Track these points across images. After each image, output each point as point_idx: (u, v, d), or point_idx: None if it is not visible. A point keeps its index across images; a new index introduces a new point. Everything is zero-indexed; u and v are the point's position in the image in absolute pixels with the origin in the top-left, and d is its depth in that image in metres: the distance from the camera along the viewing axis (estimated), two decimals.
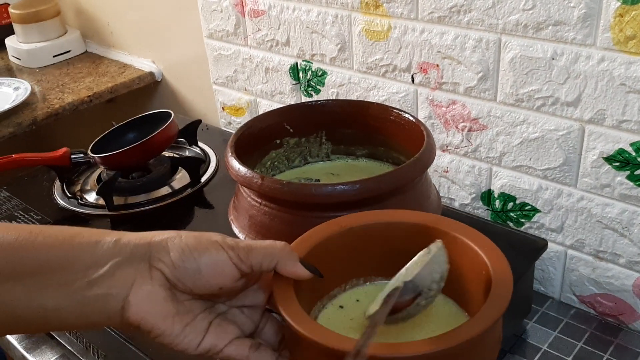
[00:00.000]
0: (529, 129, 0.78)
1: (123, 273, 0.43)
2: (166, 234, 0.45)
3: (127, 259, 0.44)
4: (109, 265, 0.43)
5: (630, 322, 0.79)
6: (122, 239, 0.44)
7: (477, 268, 0.50)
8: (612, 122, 0.71)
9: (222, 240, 0.46)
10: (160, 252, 0.44)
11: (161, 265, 0.44)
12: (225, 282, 0.45)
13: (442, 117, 0.86)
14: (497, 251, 0.50)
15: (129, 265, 0.43)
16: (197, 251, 0.44)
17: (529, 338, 0.79)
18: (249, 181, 0.64)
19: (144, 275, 0.43)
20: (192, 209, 0.95)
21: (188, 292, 0.45)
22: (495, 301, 0.46)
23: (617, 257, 0.77)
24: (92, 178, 1.03)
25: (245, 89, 1.13)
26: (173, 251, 0.44)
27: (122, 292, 0.43)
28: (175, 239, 0.45)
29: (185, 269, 0.44)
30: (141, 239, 0.45)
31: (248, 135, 0.74)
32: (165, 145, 0.99)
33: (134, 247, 0.44)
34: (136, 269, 0.43)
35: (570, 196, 0.78)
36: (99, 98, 1.28)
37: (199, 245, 0.45)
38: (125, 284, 0.43)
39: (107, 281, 0.43)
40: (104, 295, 0.43)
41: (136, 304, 0.43)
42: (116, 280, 0.43)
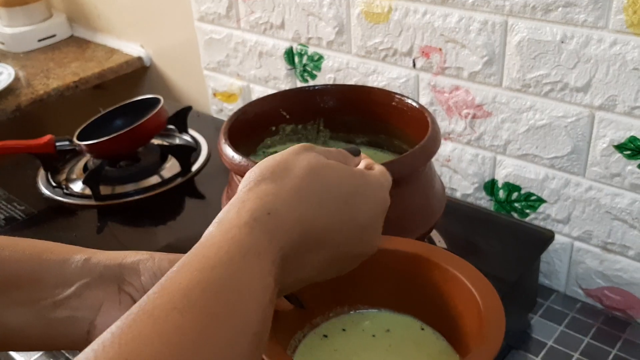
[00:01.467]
0: (536, 115, 0.75)
1: (91, 295, 0.41)
2: (139, 255, 0.43)
3: (95, 280, 0.41)
4: (76, 286, 0.41)
5: (638, 316, 0.77)
6: (92, 259, 0.42)
7: (469, 305, 0.48)
8: (623, 108, 0.68)
9: None
10: (131, 275, 0.42)
11: (131, 289, 0.42)
12: None
13: (445, 103, 0.83)
14: (490, 288, 0.48)
15: (97, 286, 0.41)
16: None
17: (534, 333, 0.77)
18: (243, 169, 0.60)
19: (113, 299, 0.41)
20: (182, 199, 0.91)
21: None
22: (485, 345, 0.43)
23: (626, 249, 0.74)
24: (78, 167, 0.99)
25: (237, 75, 1.09)
26: (144, 275, 0.42)
27: (89, 316, 0.41)
28: (148, 262, 0.43)
29: None
30: (112, 260, 0.43)
31: (242, 122, 0.70)
32: (154, 132, 0.95)
33: (104, 268, 0.42)
34: (105, 291, 0.41)
35: (578, 186, 0.75)
36: (85, 84, 1.23)
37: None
38: (92, 307, 0.41)
39: (73, 302, 0.41)
40: (70, 317, 0.41)
41: (102, 329, 0.41)
42: (83, 302, 0.41)
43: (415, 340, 0.53)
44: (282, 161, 0.39)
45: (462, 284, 0.49)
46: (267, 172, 0.38)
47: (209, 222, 0.47)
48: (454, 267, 0.50)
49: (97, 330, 0.41)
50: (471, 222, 0.81)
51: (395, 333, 0.53)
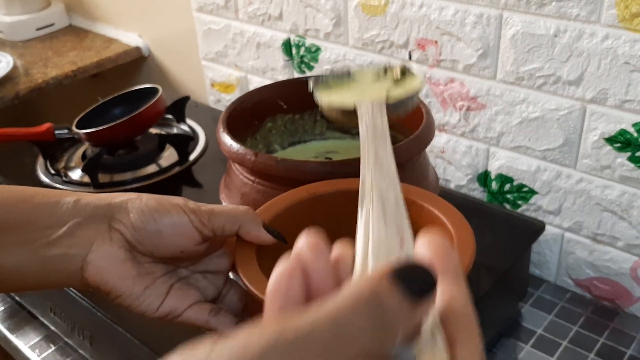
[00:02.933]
0: (529, 108, 0.76)
1: (82, 233, 0.43)
2: (127, 195, 0.45)
3: (86, 220, 0.43)
4: (68, 226, 0.42)
5: (626, 305, 0.78)
6: (81, 200, 0.44)
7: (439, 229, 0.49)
8: (614, 102, 0.70)
9: (184, 203, 0.45)
10: (120, 213, 0.43)
11: (120, 226, 0.43)
12: (186, 245, 0.45)
13: (440, 95, 0.84)
14: (464, 222, 0.49)
15: (88, 225, 0.43)
16: (158, 213, 0.43)
17: (524, 321, 0.78)
18: (242, 158, 0.61)
19: (104, 236, 0.43)
20: (180, 188, 0.92)
21: (148, 254, 0.45)
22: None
23: (616, 240, 0.76)
24: (76, 155, 1.00)
25: (235, 65, 1.10)
26: (133, 212, 0.43)
27: (81, 253, 0.42)
28: (136, 201, 0.44)
29: (145, 230, 0.43)
30: (101, 200, 0.44)
31: (240, 111, 0.71)
32: (152, 121, 0.96)
33: (94, 207, 0.43)
34: (95, 229, 0.43)
35: (569, 178, 0.77)
36: (83, 73, 1.24)
37: (159, 207, 0.44)
38: (84, 244, 0.43)
39: (66, 241, 0.42)
40: (63, 255, 0.42)
41: (95, 264, 0.43)
42: (75, 241, 0.42)
43: None
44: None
45: (436, 218, 0.50)
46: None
47: None
48: (430, 204, 0.51)
49: (89, 266, 0.42)
50: (464, 212, 0.81)
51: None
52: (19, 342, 0.80)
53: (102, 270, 0.43)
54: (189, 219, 0.44)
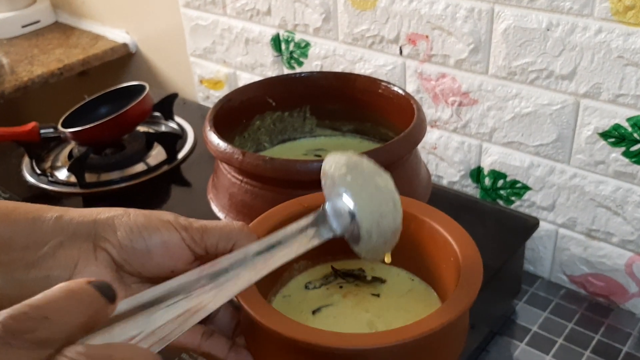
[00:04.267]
0: (522, 103, 0.75)
1: (65, 253, 0.39)
2: (113, 211, 0.42)
3: (69, 238, 0.40)
4: (49, 245, 0.39)
5: (621, 302, 0.78)
6: (64, 216, 0.40)
7: (447, 255, 0.48)
8: (608, 96, 0.69)
9: (175, 220, 0.42)
10: (106, 230, 0.40)
11: (107, 245, 0.40)
12: (177, 264, 0.42)
13: (431, 91, 0.83)
14: (467, 237, 0.48)
15: (71, 245, 0.39)
16: (147, 230, 0.41)
17: (518, 319, 0.77)
18: (229, 157, 0.60)
19: (88, 256, 0.40)
20: (168, 187, 0.91)
21: (136, 274, 0.42)
22: (462, 292, 0.43)
23: (610, 236, 0.75)
24: (63, 154, 0.98)
25: (224, 61, 1.08)
26: (120, 230, 0.40)
27: (64, 274, 0.39)
28: (123, 217, 0.41)
29: (134, 249, 0.40)
30: (85, 217, 0.41)
31: (228, 109, 0.70)
32: (139, 119, 0.94)
33: (77, 225, 0.40)
34: (79, 248, 0.40)
35: (562, 173, 0.76)
36: (70, 71, 1.22)
37: (148, 224, 0.41)
38: (67, 265, 0.39)
39: (47, 262, 0.39)
40: (44, 277, 0.39)
41: None
42: (57, 261, 0.39)
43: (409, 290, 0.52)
44: None
45: (440, 235, 0.48)
46: None
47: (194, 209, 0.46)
48: (431, 219, 0.49)
49: None
50: (457, 209, 0.82)
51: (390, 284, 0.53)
52: None
53: None
54: (181, 236, 0.41)
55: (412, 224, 0.50)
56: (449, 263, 0.47)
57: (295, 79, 0.75)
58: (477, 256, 0.45)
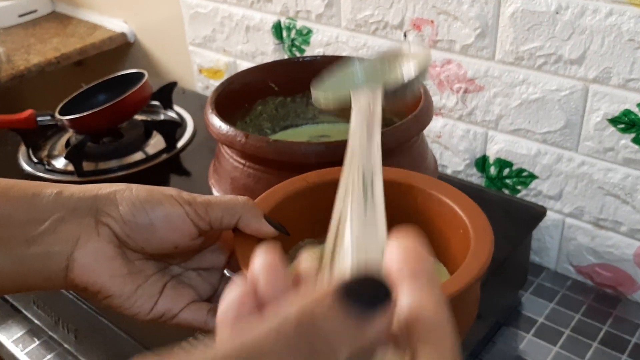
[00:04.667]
0: (529, 89, 0.74)
1: (66, 229, 0.38)
2: (114, 186, 0.41)
3: (70, 214, 0.39)
4: (49, 221, 0.38)
5: (629, 292, 0.76)
6: (64, 192, 0.39)
7: (456, 226, 0.46)
8: (618, 81, 0.67)
9: (178, 194, 0.41)
10: (108, 205, 0.39)
11: (109, 220, 0.39)
12: (181, 239, 0.41)
13: (436, 77, 0.81)
14: (476, 208, 0.46)
15: (72, 220, 0.38)
16: (150, 205, 0.40)
17: (524, 310, 0.76)
18: (232, 140, 0.58)
19: (90, 231, 0.39)
20: (168, 176, 0.89)
21: (139, 250, 0.41)
22: (472, 261, 0.42)
23: (619, 225, 0.74)
24: (60, 143, 0.97)
25: (224, 50, 1.07)
26: (122, 204, 0.39)
27: (66, 250, 0.38)
28: (125, 192, 0.40)
29: (136, 224, 0.39)
30: (86, 192, 0.40)
31: (229, 92, 0.68)
32: (138, 107, 0.92)
33: (78, 200, 0.39)
34: (80, 224, 0.38)
35: (570, 161, 0.74)
36: (66, 60, 1.20)
37: (151, 198, 0.40)
38: (68, 240, 0.38)
39: (48, 238, 0.38)
40: (45, 253, 0.38)
41: (82, 262, 0.39)
42: (58, 237, 0.38)
43: None
44: None
45: (448, 207, 0.47)
46: None
47: None
48: (438, 191, 0.48)
49: (75, 264, 0.38)
50: None
51: None
52: (2, 336, 0.77)
53: (89, 268, 0.39)
54: (184, 210, 0.40)
55: (419, 197, 0.49)
56: (458, 235, 0.46)
57: (299, 63, 0.73)
58: (487, 225, 0.44)
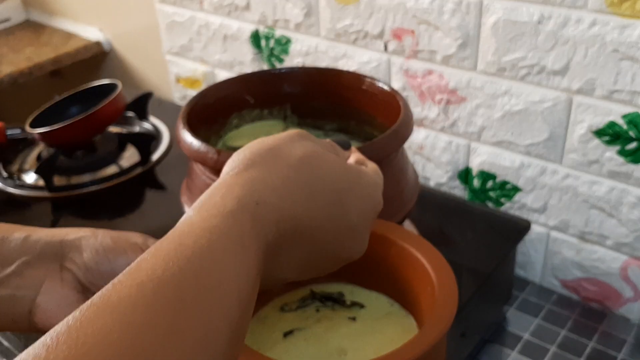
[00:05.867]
0: (512, 100, 0.72)
1: (31, 274, 0.39)
2: (81, 232, 0.41)
3: (36, 258, 0.39)
4: (16, 265, 0.39)
5: (615, 307, 0.75)
6: (32, 236, 0.40)
7: (425, 282, 0.48)
8: (602, 92, 0.66)
9: (143, 242, 0.42)
10: (73, 251, 0.40)
11: (73, 266, 0.40)
12: None
13: (417, 88, 0.79)
14: (445, 266, 0.47)
15: (38, 264, 0.39)
16: (113, 253, 0.40)
17: (509, 326, 0.74)
18: (204, 157, 0.56)
19: (54, 277, 0.39)
20: (142, 190, 0.86)
21: None
22: (434, 324, 0.42)
23: (604, 238, 0.72)
24: (31, 157, 0.94)
25: (201, 60, 1.04)
26: (86, 251, 0.40)
27: (29, 294, 0.39)
28: (90, 239, 0.41)
29: (99, 271, 0.40)
30: (53, 237, 0.40)
31: (202, 106, 0.66)
32: (111, 119, 0.90)
33: (45, 245, 0.40)
34: (46, 269, 0.39)
35: (554, 173, 0.73)
36: (40, 70, 1.17)
37: (115, 246, 0.41)
38: (33, 285, 0.39)
39: (14, 281, 0.38)
40: (10, 296, 0.38)
41: (44, 307, 0.39)
42: (24, 281, 0.39)
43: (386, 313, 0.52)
44: (275, 147, 0.34)
45: (419, 263, 0.48)
46: (257, 157, 0.34)
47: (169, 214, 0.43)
48: (411, 245, 0.49)
49: (38, 309, 0.39)
50: (445, 211, 0.78)
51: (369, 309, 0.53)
52: None
53: (52, 314, 0.39)
54: None
55: (392, 249, 0.50)
56: (426, 291, 0.47)
57: (276, 74, 0.71)
58: (453, 286, 0.45)
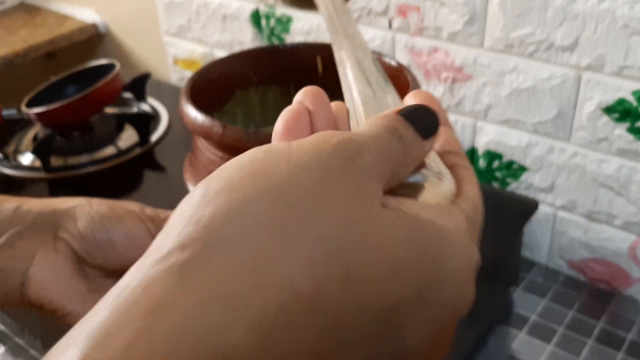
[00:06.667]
0: (520, 78, 0.71)
1: (23, 244, 0.37)
2: (75, 200, 0.39)
3: (28, 229, 0.37)
4: (6, 236, 0.37)
5: (623, 288, 0.74)
6: (22, 206, 0.38)
7: None
8: (612, 68, 0.64)
9: (140, 210, 0.40)
10: (67, 220, 0.38)
11: (67, 235, 0.38)
12: None
13: (423, 67, 0.78)
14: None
15: (30, 235, 0.37)
16: (110, 221, 0.39)
17: (516, 307, 0.73)
18: (208, 131, 0.54)
19: (48, 247, 0.37)
20: (141, 171, 0.84)
21: (99, 267, 0.39)
22: None
23: (612, 218, 0.71)
24: (27, 137, 0.92)
25: (200, 40, 1.02)
26: (81, 220, 0.38)
27: (21, 266, 0.37)
28: (85, 207, 0.39)
29: (95, 240, 0.38)
30: (45, 206, 0.39)
31: (205, 82, 0.64)
32: (109, 99, 0.88)
33: (37, 215, 0.38)
34: (39, 239, 0.37)
35: (562, 152, 0.72)
36: (35, 52, 1.15)
37: (112, 214, 0.39)
38: (25, 256, 0.37)
39: (4, 253, 0.37)
40: (1, 269, 0.37)
41: (37, 279, 0.37)
42: (15, 253, 0.37)
43: None
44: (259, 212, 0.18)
45: None
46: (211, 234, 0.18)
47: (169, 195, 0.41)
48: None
49: (31, 282, 0.37)
50: None
51: None
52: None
53: (45, 286, 0.37)
54: (146, 227, 0.39)
55: None
56: None
57: (279, 50, 0.70)
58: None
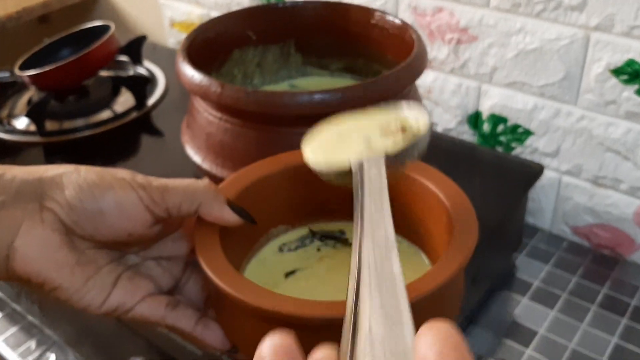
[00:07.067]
0: (526, 38, 0.69)
1: (7, 215, 0.35)
2: (61, 168, 0.37)
3: (12, 198, 0.35)
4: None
5: (627, 253, 0.73)
6: (5, 174, 0.36)
7: (439, 215, 0.43)
8: (622, 28, 0.62)
9: (131, 178, 0.38)
10: (53, 189, 0.36)
11: (54, 204, 0.35)
12: (135, 227, 0.37)
13: (426, 27, 0.76)
14: (461, 195, 0.42)
15: (14, 205, 0.35)
16: (99, 189, 0.36)
17: (519, 273, 0.72)
18: (206, 90, 0.53)
19: (33, 218, 0.35)
20: (138, 135, 0.83)
21: (88, 238, 0.37)
22: (453, 254, 0.38)
23: (619, 182, 0.70)
24: (21, 101, 0.90)
25: (197, 2, 1.00)
26: (69, 188, 0.36)
27: (6, 238, 0.35)
28: (72, 174, 0.37)
29: (84, 209, 0.36)
30: (30, 174, 0.36)
31: (202, 41, 0.62)
32: (104, 62, 0.86)
33: (21, 183, 0.36)
34: (24, 209, 0.35)
35: (569, 115, 0.70)
36: (29, 14, 1.12)
37: (101, 182, 0.37)
38: (9, 228, 0.35)
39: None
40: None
41: (23, 251, 0.35)
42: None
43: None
44: None
45: (431, 194, 0.44)
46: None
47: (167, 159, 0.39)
48: (422, 176, 0.44)
49: (17, 254, 0.35)
50: (453, 157, 0.76)
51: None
52: None
53: (32, 258, 0.35)
54: (138, 195, 0.37)
55: (400, 182, 0.45)
56: (440, 224, 0.42)
57: (279, 9, 0.67)
58: (471, 215, 0.40)
